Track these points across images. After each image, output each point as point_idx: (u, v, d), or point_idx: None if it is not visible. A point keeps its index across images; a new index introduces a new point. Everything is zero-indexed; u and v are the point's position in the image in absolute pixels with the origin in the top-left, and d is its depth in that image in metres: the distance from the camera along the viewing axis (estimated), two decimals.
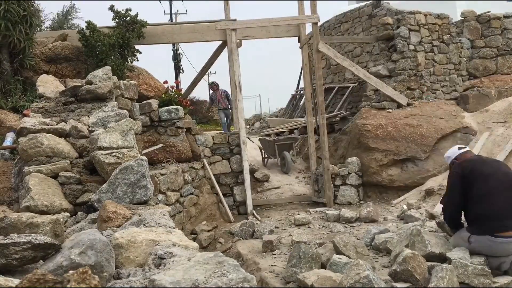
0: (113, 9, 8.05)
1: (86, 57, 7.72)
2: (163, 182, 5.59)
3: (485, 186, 3.67)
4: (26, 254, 1.66)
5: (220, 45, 8.86)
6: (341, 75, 12.10)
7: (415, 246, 3.85)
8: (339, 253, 4.26)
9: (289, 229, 6.17)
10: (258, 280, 4.40)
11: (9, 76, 6.81)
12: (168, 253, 1.84)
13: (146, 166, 2.82)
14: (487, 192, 3.65)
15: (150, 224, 2.27)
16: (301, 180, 9.05)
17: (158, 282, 1.47)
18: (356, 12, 11.46)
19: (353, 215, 6.33)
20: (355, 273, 3.16)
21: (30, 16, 6.87)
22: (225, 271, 1.55)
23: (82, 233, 1.78)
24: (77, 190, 2.97)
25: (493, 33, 9.39)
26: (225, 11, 8.46)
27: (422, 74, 8.73)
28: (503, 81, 9.13)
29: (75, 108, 4.00)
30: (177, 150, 6.56)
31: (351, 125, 8.52)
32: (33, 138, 3.15)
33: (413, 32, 8.64)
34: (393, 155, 7.61)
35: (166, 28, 8.90)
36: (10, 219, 2.06)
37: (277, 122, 13.89)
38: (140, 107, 6.03)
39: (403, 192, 7.50)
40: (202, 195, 7.11)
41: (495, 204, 3.59)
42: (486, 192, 3.65)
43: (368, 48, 10.73)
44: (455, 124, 8.07)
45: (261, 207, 7.85)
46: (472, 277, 3.36)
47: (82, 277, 1.21)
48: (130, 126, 3.37)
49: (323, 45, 7.94)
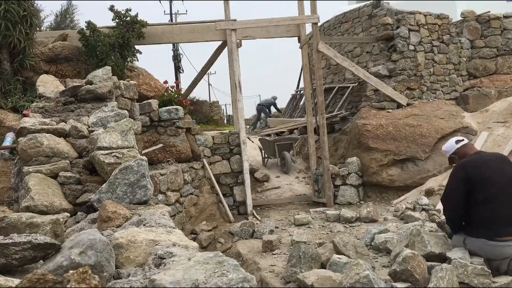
0: (113, 9, 8.06)
1: (86, 57, 7.72)
2: (163, 182, 5.59)
3: (487, 193, 3.56)
4: (26, 254, 1.66)
5: (220, 45, 8.86)
6: (341, 75, 12.11)
7: (415, 246, 3.85)
8: (339, 253, 4.26)
9: (289, 229, 6.18)
10: (258, 280, 4.41)
11: (9, 76, 6.81)
12: (168, 253, 1.84)
13: (146, 166, 2.82)
14: (487, 198, 3.55)
15: (150, 224, 2.27)
16: (301, 180, 9.05)
17: (158, 282, 1.47)
18: (356, 12, 11.47)
19: (353, 215, 6.33)
20: (355, 273, 3.16)
21: (30, 16, 6.87)
22: (225, 271, 1.55)
23: (82, 233, 1.78)
24: (77, 190, 2.97)
25: (493, 33, 9.39)
26: (225, 11, 8.46)
27: (422, 74, 8.73)
28: (503, 81, 9.13)
29: (75, 108, 4.00)
30: (177, 150, 6.56)
31: (351, 125, 8.52)
32: (33, 138, 3.15)
33: (413, 32, 8.64)
34: (393, 155, 7.62)
35: (166, 28, 8.90)
36: (10, 219, 2.06)
37: (277, 122, 13.90)
38: (140, 107, 6.03)
39: (403, 192, 7.50)
40: (202, 195, 7.11)
41: (494, 210, 3.51)
42: (487, 198, 3.55)
43: (368, 48, 10.73)
44: (455, 124, 8.08)
45: (261, 207, 7.85)
46: (472, 277, 3.36)
47: (82, 277, 1.21)
48: (130, 126, 3.37)
49: (323, 45, 7.94)
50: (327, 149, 7.77)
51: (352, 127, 8.38)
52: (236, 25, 7.85)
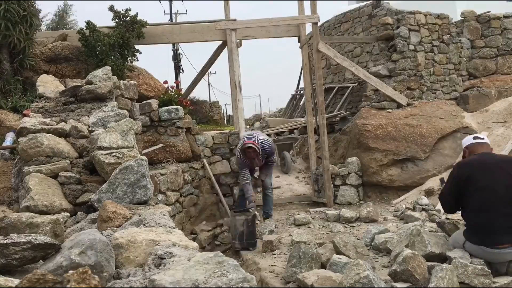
0: (113, 9, 8.05)
1: (86, 57, 7.72)
2: (163, 182, 5.59)
3: (480, 199, 3.48)
4: (26, 254, 1.66)
5: (220, 45, 8.86)
6: (341, 75, 12.11)
7: (415, 246, 3.85)
8: (339, 253, 4.26)
9: (289, 229, 6.17)
10: (258, 280, 4.40)
11: (9, 76, 6.81)
12: (168, 253, 1.84)
13: (146, 166, 2.82)
14: (481, 205, 3.47)
15: (150, 224, 2.27)
16: (301, 180, 9.05)
17: (158, 282, 1.47)
18: (356, 12, 11.47)
19: (353, 215, 6.33)
20: (355, 273, 3.16)
21: (30, 16, 6.87)
22: (225, 271, 1.55)
23: (82, 233, 1.78)
24: (77, 190, 2.97)
25: (493, 33, 9.39)
26: (225, 11, 8.46)
27: (422, 74, 8.73)
28: (503, 81, 9.13)
29: (75, 108, 4.00)
30: (177, 150, 6.56)
31: (351, 125, 8.52)
32: (33, 138, 3.15)
33: (413, 32, 8.64)
34: (393, 155, 7.61)
35: (166, 28, 8.90)
36: (10, 219, 2.06)
37: (277, 122, 13.90)
38: (140, 107, 6.03)
39: (403, 192, 7.50)
40: (202, 195, 7.11)
41: (490, 218, 3.42)
42: (481, 205, 3.47)
43: (368, 48, 10.73)
44: (455, 124, 8.08)
45: (261, 207, 7.85)
46: (472, 277, 3.36)
47: (82, 277, 1.21)
48: (130, 126, 3.37)
49: (323, 45, 7.94)
50: (327, 149, 7.77)
51: (352, 127, 8.38)
52: (236, 25, 7.85)
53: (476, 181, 3.50)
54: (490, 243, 3.43)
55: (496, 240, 3.41)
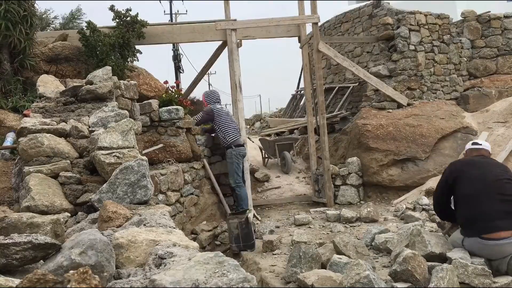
0: (113, 9, 8.05)
1: (87, 57, 7.71)
2: (163, 182, 5.59)
3: (469, 189, 3.68)
4: (26, 254, 1.66)
5: (220, 45, 8.85)
6: (341, 75, 12.10)
7: (415, 246, 3.85)
8: (339, 253, 4.26)
9: (289, 229, 6.18)
10: (258, 280, 4.40)
11: (10, 76, 6.81)
12: (168, 253, 1.84)
13: (146, 166, 2.82)
14: (471, 194, 3.66)
15: (151, 224, 2.28)
16: (301, 180, 9.05)
17: (159, 282, 1.47)
18: (356, 12, 11.47)
19: (353, 215, 6.33)
20: (355, 273, 3.16)
21: (31, 16, 6.87)
22: (225, 271, 1.55)
23: (82, 233, 1.78)
24: (78, 190, 2.97)
25: (493, 33, 9.39)
26: (225, 11, 8.46)
27: (422, 74, 8.73)
28: (503, 81, 9.13)
29: (75, 108, 4.00)
30: (178, 150, 6.55)
31: (351, 125, 8.52)
32: (33, 138, 3.15)
33: (413, 32, 8.64)
34: (393, 155, 7.61)
35: (166, 28, 8.89)
36: (11, 219, 2.06)
37: (277, 122, 13.90)
38: (140, 107, 6.03)
39: (403, 192, 7.50)
40: (203, 195, 7.11)
41: (481, 205, 3.58)
42: (471, 194, 3.66)
43: (368, 48, 10.73)
44: (456, 124, 8.08)
45: (261, 207, 7.85)
46: (473, 277, 3.36)
47: (82, 277, 1.21)
48: (130, 126, 3.37)
49: (323, 45, 7.94)
50: (327, 149, 7.77)
51: (352, 127, 8.38)
52: (236, 25, 7.85)
53: (466, 173, 3.79)
54: (485, 231, 3.51)
55: (491, 226, 3.50)
